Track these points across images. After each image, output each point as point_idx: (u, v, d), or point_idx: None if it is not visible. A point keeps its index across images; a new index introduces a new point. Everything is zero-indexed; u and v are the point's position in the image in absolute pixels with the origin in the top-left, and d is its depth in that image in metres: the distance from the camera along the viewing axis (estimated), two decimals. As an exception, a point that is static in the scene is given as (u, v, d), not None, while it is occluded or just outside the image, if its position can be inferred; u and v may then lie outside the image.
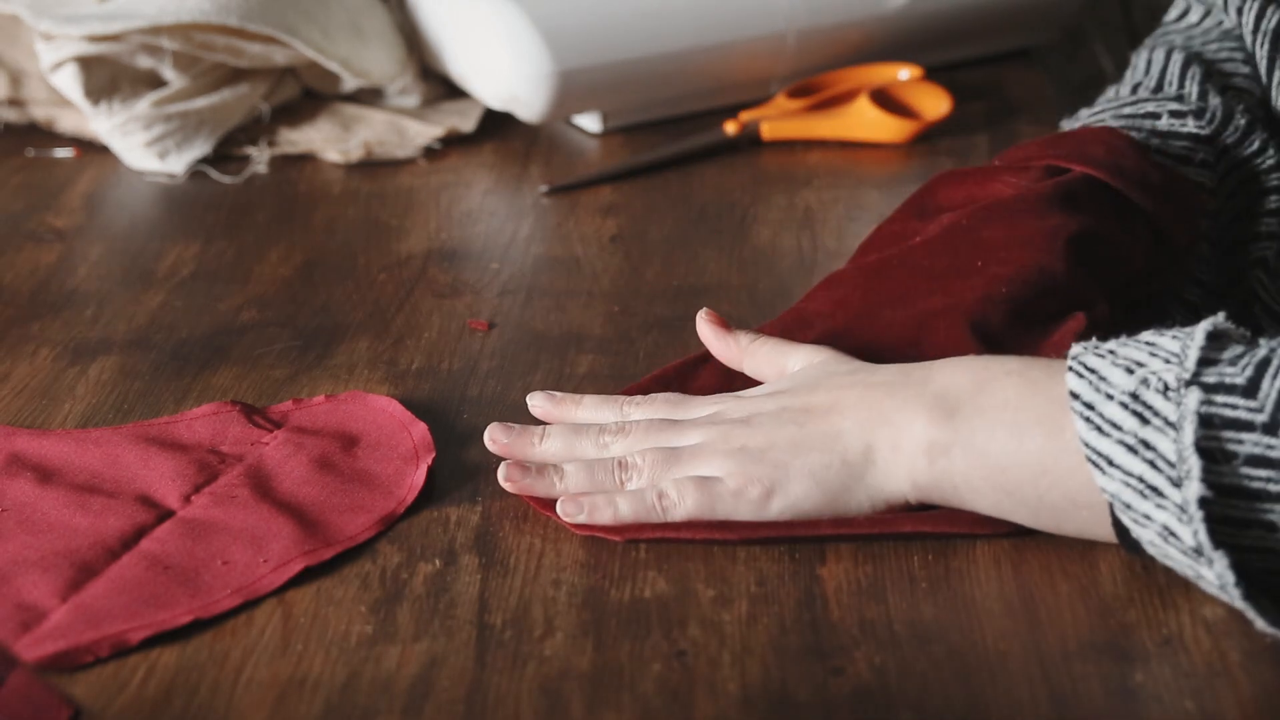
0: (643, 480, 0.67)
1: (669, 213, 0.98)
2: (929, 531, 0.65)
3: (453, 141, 1.07)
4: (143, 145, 1.02)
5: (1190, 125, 0.82)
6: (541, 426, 0.71)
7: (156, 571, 0.64)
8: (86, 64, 1.02)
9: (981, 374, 0.65)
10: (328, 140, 1.05)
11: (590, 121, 1.09)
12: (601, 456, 0.69)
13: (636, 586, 0.64)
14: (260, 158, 1.04)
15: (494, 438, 0.70)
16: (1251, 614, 0.58)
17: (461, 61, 1.08)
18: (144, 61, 1.03)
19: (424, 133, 1.06)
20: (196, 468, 0.70)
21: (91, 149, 1.06)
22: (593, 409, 0.72)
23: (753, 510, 0.66)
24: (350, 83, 1.08)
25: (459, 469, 0.71)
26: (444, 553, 0.66)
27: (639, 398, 0.72)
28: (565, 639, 0.61)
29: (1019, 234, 0.76)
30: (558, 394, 0.73)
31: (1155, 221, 0.79)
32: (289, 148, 1.05)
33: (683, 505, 0.66)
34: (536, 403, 0.73)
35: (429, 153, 1.05)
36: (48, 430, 0.74)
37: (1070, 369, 0.62)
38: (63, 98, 1.06)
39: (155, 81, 1.05)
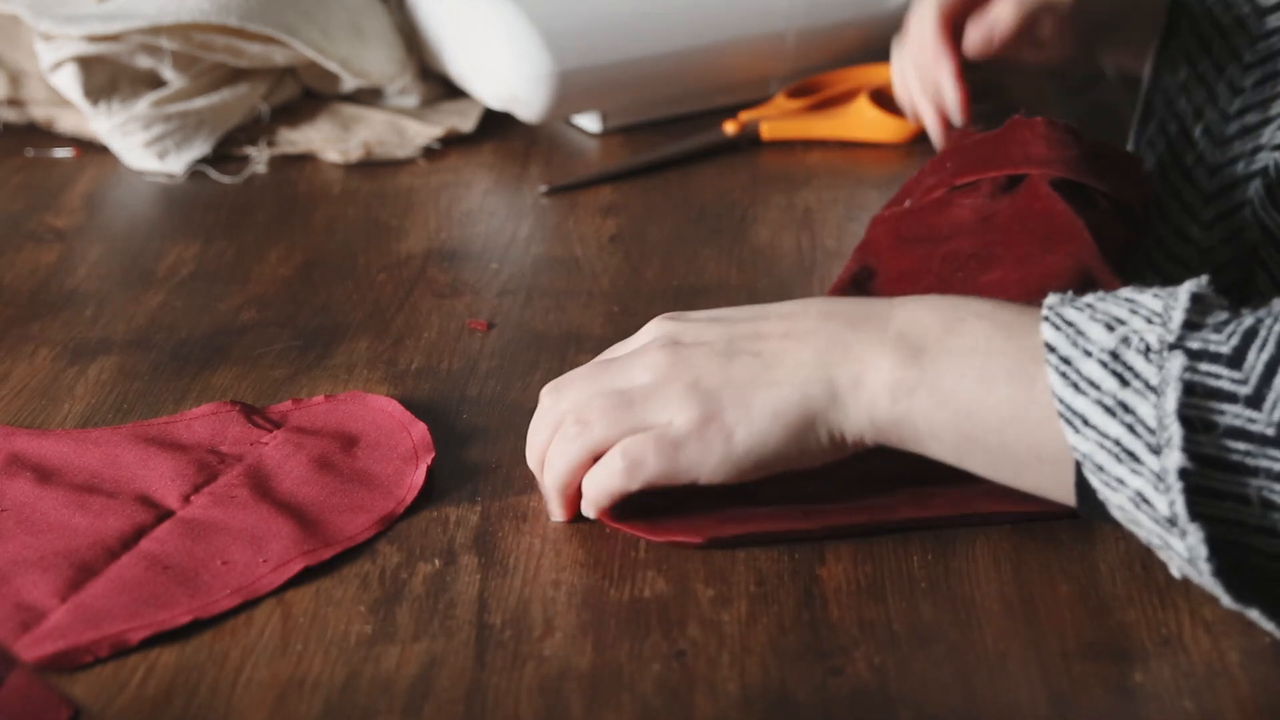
0: (595, 433, 0.65)
1: (669, 213, 0.98)
2: (1008, 512, 0.66)
3: (452, 141, 1.07)
4: (142, 145, 1.02)
5: None
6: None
7: (156, 571, 0.64)
8: (86, 64, 1.02)
9: (949, 314, 0.63)
10: (327, 140, 1.05)
11: (590, 121, 1.09)
12: (556, 414, 0.67)
13: (636, 586, 0.64)
14: (260, 158, 1.04)
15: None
16: (1219, 590, 0.57)
17: (461, 61, 1.08)
18: (143, 61, 1.03)
19: (423, 133, 1.06)
20: (196, 468, 0.70)
21: (91, 149, 1.06)
22: (568, 376, 0.69)
23: (719, 454, 0.63)
24: (350, 83, 1.08)
25: (458, 469, 0.71)
26: (443, 553, 0.66)
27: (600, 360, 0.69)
28: (565, 639, 0.61)
29: (1037, 271, 0.75)
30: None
31: (1117, 198, 0.79)
32: (288, 148, 1.05)
33: (648, 465, 0.64)
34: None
35: (429, 153, 1.05)
36: (47, 430, 0.74)
37: (1046, 319, 0.60)
38: (62, 98, 1.06)
39: (155, 81, 1.05)
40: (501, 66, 1.05)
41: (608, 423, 0.65)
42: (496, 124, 1.09)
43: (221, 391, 0.78)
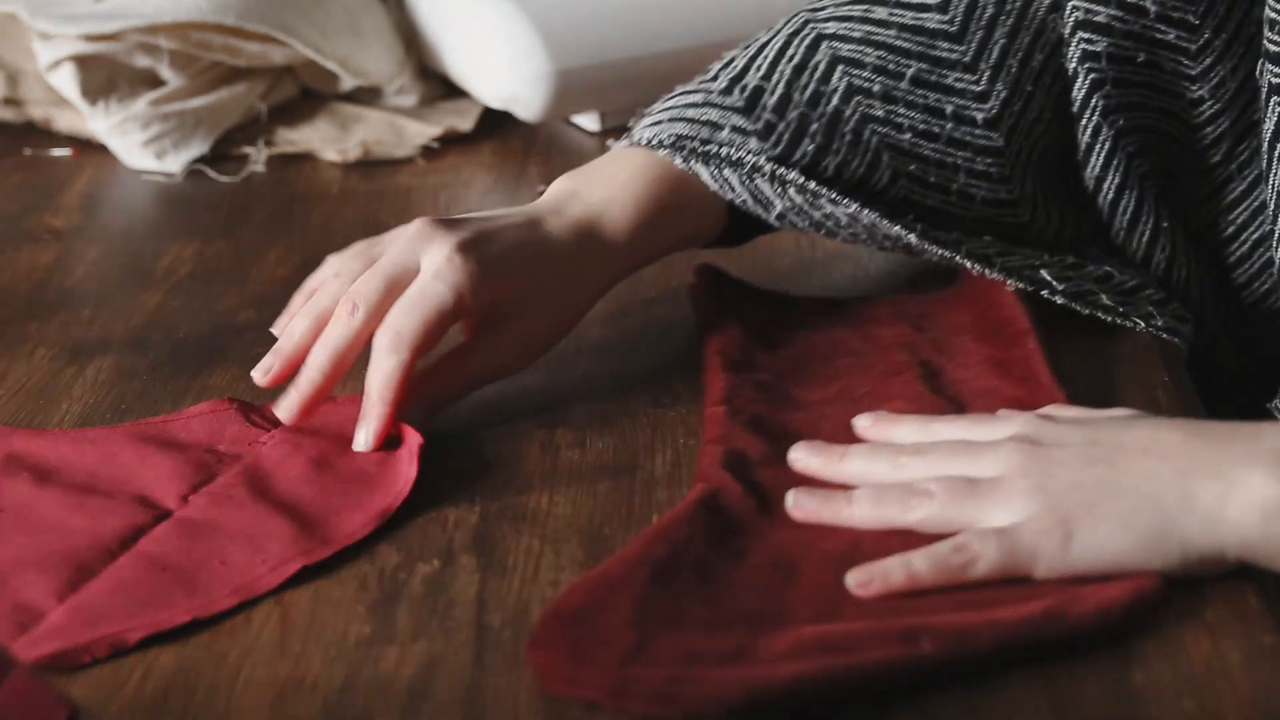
0: (932, 510, 0.63)
1: (667, 212, 0.97)
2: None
3: (451, 141, 1.07)
4: (140, 145, 1.02)
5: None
6: (844, 446, 0.68)
7: (154, 572, 0.64)
8: (84, 63, 1.02)
9: None
10: (326, 140, 1.05)
11: (589, 121, 1.09)
12: (896, 478, 0.65)
13: (635, 587, 0.63)
14: (258, 157, 1.04)
15: (796, 457, 0.68)
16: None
17: (460, 61, 1.08)
18: (141, 61, 1.03)
19: (422, 132, 1.06)
20: (194, 468, 0.70)
21: (89, 148, 1.06)
22: (905, 427, 0.69)
23: (1052, 553, 0.61)
24: (348, 82, 1.08)
25: (458, 469, 0.71)
26: (442, 553, 0.66)
27: (948, 418, 0.68)
28: (564, 639, 0.60)
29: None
30: (881, 413, 0.70)
31: None
32: (287, 147, 1.05)
33: (985, 560, 0.61)
34: (861, 423, 0.70)
35: (427, 152, 1.05)
36: (44, 429, 0.74)
37: None
38: (60, 97, 1.06)
39: (153, 81, 1.05)
40: (500, 66, 1.05)
41: (945, 506, 0.63)
42: (495, 123, 1.09)
43: (219, 391, 0.78)
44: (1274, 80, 0.75)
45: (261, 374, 0.73)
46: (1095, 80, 0.79)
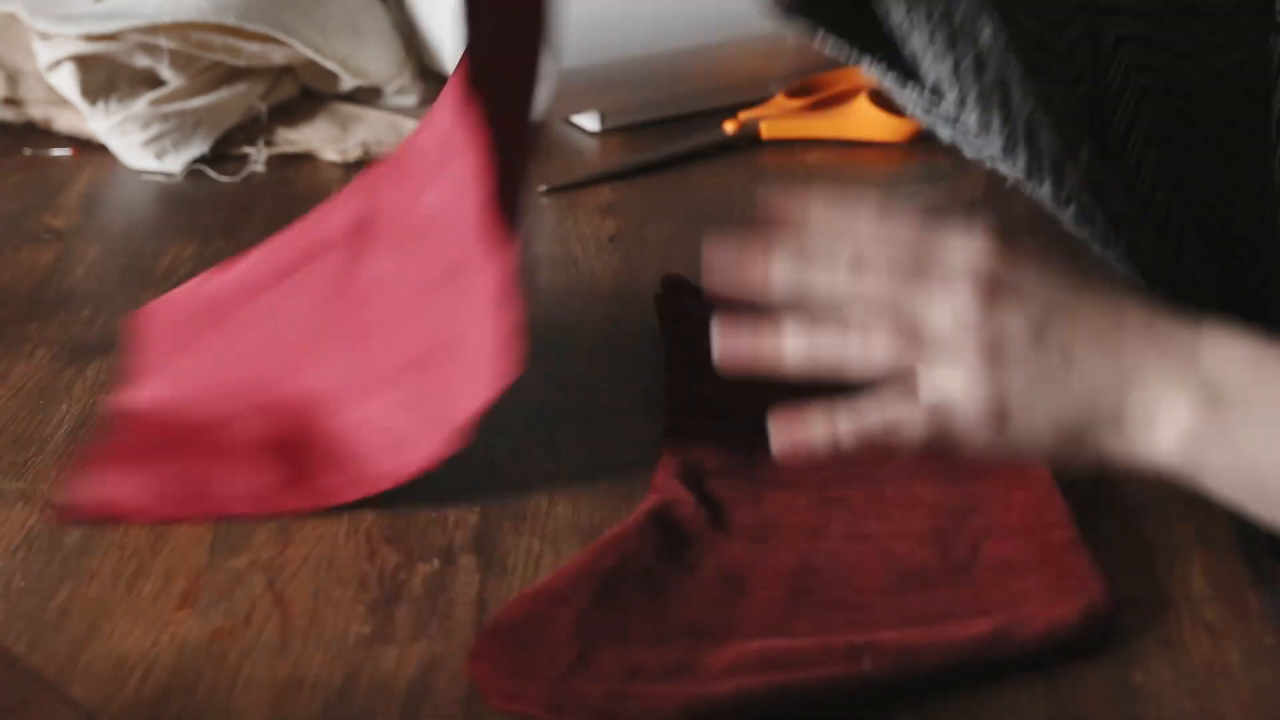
0: (870, 353, 0.61)
1: (668, 212, 0.98)
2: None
3: (451, 141, 1.07)
4: (140, 144, 1.02)
5: None
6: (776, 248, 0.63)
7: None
8: (84, 63, 1.02)
9: (1259, 364, 0.60)
10: (326, 140, 1.05)
11: (589, 121, 1.09)
12: (830, 292, 0.62)
13: (635, 587, 0.63)
14: (258, 157, 1.04)
15: (714, 256, 0.64)
16: None
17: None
18: (141, 61, 1.03)
19: (422, 132, 1.06)
20: None
21: (89, 148, 1.06)
22: (863, 224, 0.63)
23: (980, 441, 0.60)
24: (348, 82, 1.08)
25: (457, 469, 0.71)
26: (442, 553, 0.66)
27: (897, 224, 0.63)
28: (564, 639, 0.60)
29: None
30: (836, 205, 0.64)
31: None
32: (287, 147, 1.05)
33: (912, 438, 0.60)
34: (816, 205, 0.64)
35: (427, 152, 1.05)
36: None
37: None
38: (60, 97, 1.06)
39: (153, 81, 1.05)
40: (500, 66, 1.05)
41: (885, 351, 0.61)
42: (495, 123, 1.08)
43: (220, 391, 0.78)
44: None
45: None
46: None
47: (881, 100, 1.06)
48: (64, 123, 1.07)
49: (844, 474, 0.68)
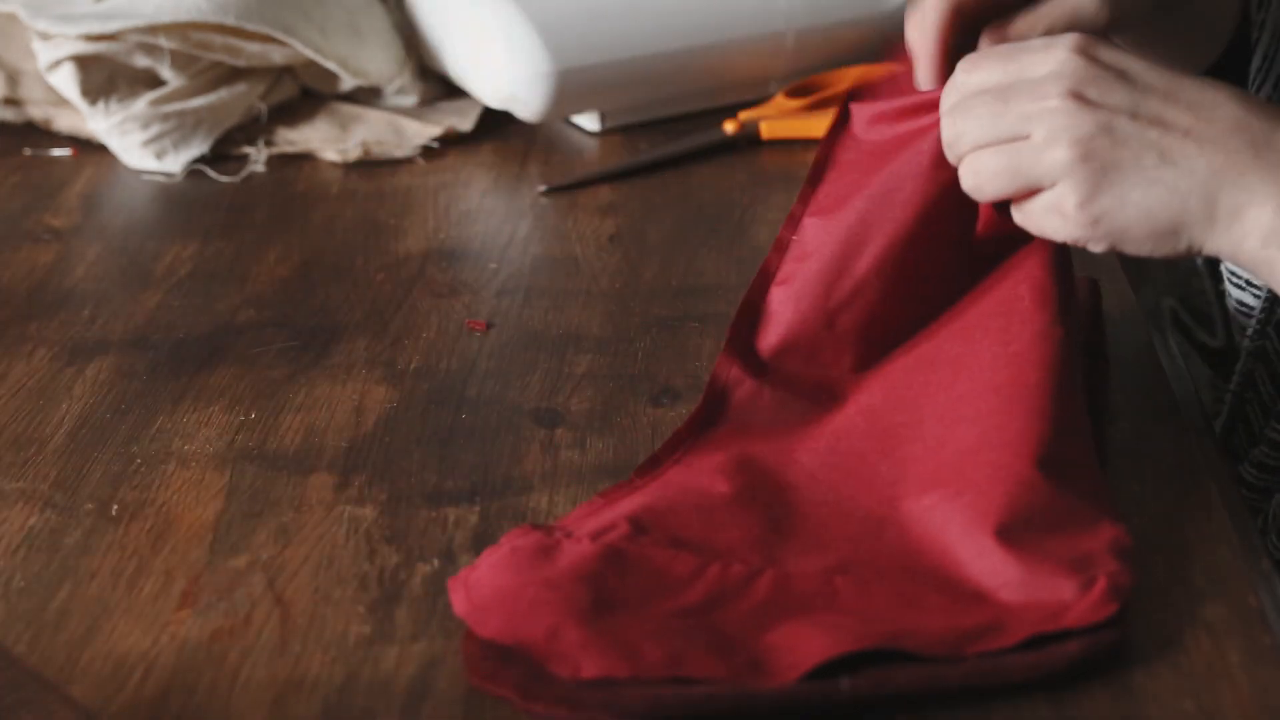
0: (970, 138, 0.66)
1: (667, 212, 0.98)
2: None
3: (451, 141, 1.07)
4: (140, 145, 1.02)
5: None
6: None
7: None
8: (84, 63, 1.02)
9: None
10: (326, 140, 1.05)
11: (589, 121, 1.09)
12: (965, 87, 0.67)
13: (635, 587, 0.63)
14: (258, 157, 1.04)
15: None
16: None
17: (460, 61, 1.08)
18: (141, 61, 1.03)
19: (422, 132, 1.06)
20: None
21: (89, 148, 1.06)
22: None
23: (1076, 226, 0.64)
24: (348, 82, 1.08)
25: (457, 470, 0.71)
26: (442, 553, 0.66)
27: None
28: (564, 639, 0.60)
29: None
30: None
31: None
32: (287, 147, 1.05)
33: (1051, 155, 0.64)
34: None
35: (427, 152, 1.05)
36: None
37: None
38: (60, 97, 1.06)
39: (153, 81, 1.05)
40: (500, 65, 1.05)
41: (996, 186, 0.66)
42: (495, 123, 1.09)
43: (219, 391, 0.78)
44: None
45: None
46: None
47: (881, 100, 1.06)
48: (64, 123, 1.07)
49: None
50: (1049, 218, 0.65)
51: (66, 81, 1.02)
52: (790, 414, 0.71)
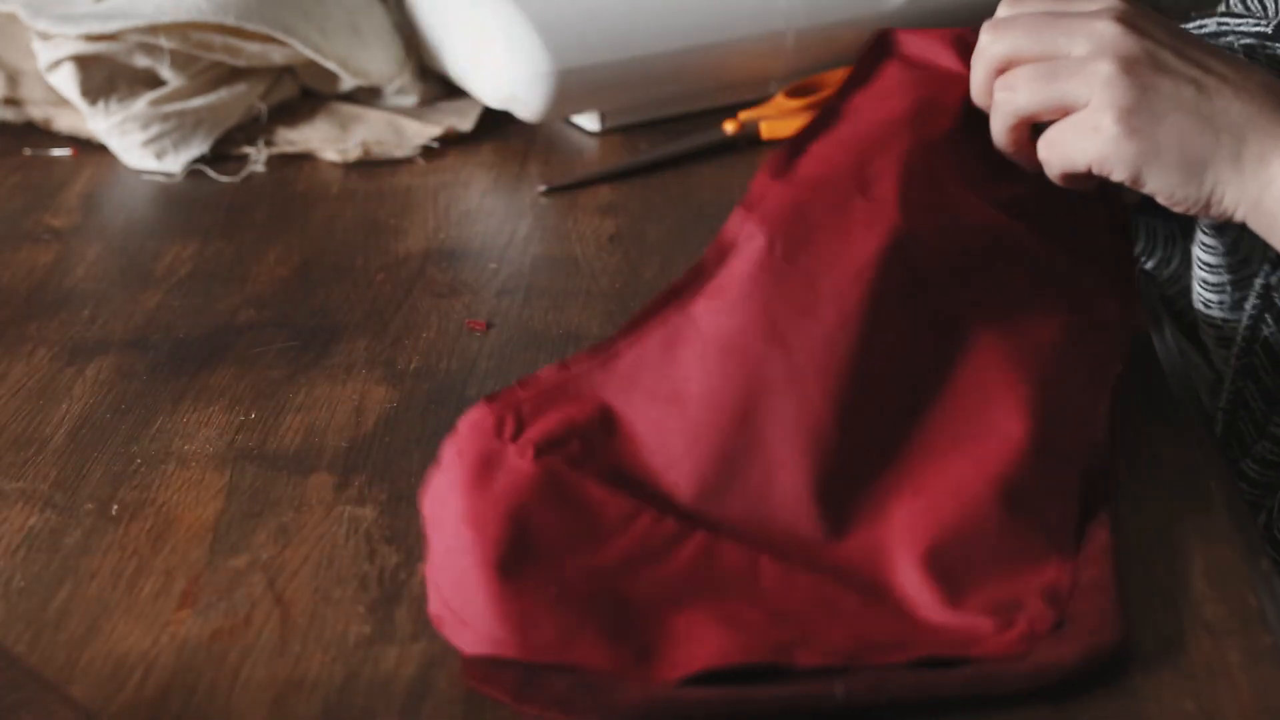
0: (1019, 100, 0.67)
1: (668, 212, 0.98)
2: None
3: (451, 141, 1.07)
4: (140, 144, 1.02)
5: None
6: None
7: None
8: (84, 63, 1.02)
9: None
10: (326, 140, 1.05)
11: (589, 121, 1.09)
12: (992, 50, 0.69)
13: (635, 587, 0.63)
14: (258, 157, 1.04)
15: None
16: None
17: (460, 60, 1.08)
18: (141, 61, 1.03)
19: (422, 132, 1.06)
20: None
21: (89, 148, 1.06)
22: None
23: (1108, 134, 0.65)
24: (348, 82, 1.08)
25: (457, 469, 0.71)
26: (442, 553, 0.66)
27: None
28: (564, 639, 0.60)
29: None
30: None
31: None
32: (287, 147, 1.05)
33: (1093, 66, 0.65)
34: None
35: (427, 152, 1.05)
36: None
37: None
38: (60, 97, 1.06)
39: (153, 81, 1.05)
40: (500, 65, 1.05)
41: (1031, 93, 0.67)
42: (495, 123, 1.09)
43: (219, 391, 0.78)
44: None
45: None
46: None
47: (881, 100, 1.06)
48: (64, 123, 1.07)
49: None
50: (1079, 138, 0.66)
51: (66, 81, 1.02)
52: (800, 293, 0.66)
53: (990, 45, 0.70)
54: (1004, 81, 0.69)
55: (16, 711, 0.55)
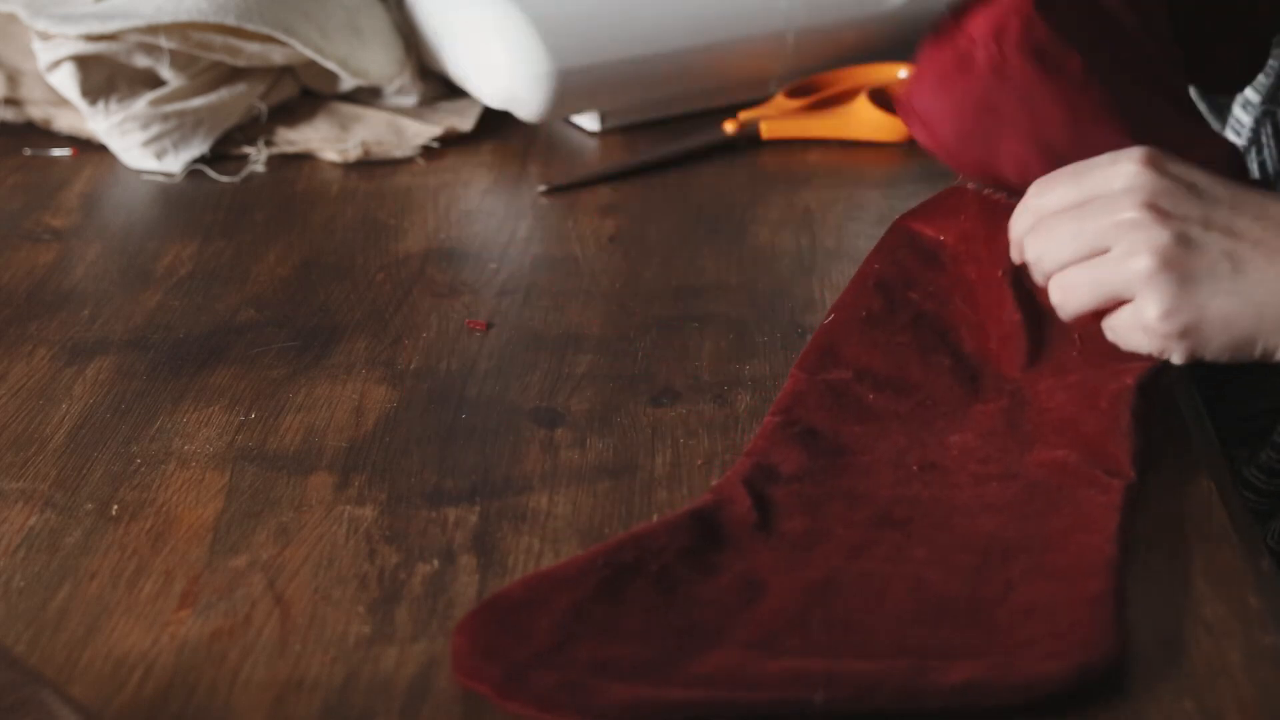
0: (1050, 263, 0.70)
1: (668, 212, 0.98)
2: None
3: (451, 141, 1.07)
4: (140, 145, 1.02)
5: None
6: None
7: None
8: (84, 63, 1.02)
9: None
10: (326, 140, 1.05)
11: (589, 121, 1.09)
12: (1035, 211, 0.71)
13: (635, 587, 0.63)
14: (258, 157, 1.04)
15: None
16: None
17: (460, 60, 1.08)
18: (141, 61, 1.03)
19: (422, 132, 1.06)
20: None
21: (89, 148, 1.06)
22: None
23: (1158, 334, 0.67)
24: (348, 82, 1.08)
25: (457, 470, 0.71)
26: (442, 553, 0.66)
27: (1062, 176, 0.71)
28: (564, 639, 0.60)
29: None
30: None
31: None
32: (287, 147, 1.05)
33: (1132, 265, 0.67)
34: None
35: (427, 152, 1.05)
36: None
37: None
38: (60, 97, 1.06)
39: (153, 81, 1.05)
40: (500, 65, 1.05)
41: (1089, 296, 0.69)
42: (495, 123, 1.09)
43: (219, 391, 0.78)
44: None
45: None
46: None
47: (881, 100, 1.06)
48: (64, 123, 1.07)
49: (915, 495, 0.67)
50: (1133, 332, 0.68)
51: (66, 81, 1.02)
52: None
53: (1038, 262, 0.71)
54: (1056, 286, 0.70)
55: (16, 711, 0.54)
